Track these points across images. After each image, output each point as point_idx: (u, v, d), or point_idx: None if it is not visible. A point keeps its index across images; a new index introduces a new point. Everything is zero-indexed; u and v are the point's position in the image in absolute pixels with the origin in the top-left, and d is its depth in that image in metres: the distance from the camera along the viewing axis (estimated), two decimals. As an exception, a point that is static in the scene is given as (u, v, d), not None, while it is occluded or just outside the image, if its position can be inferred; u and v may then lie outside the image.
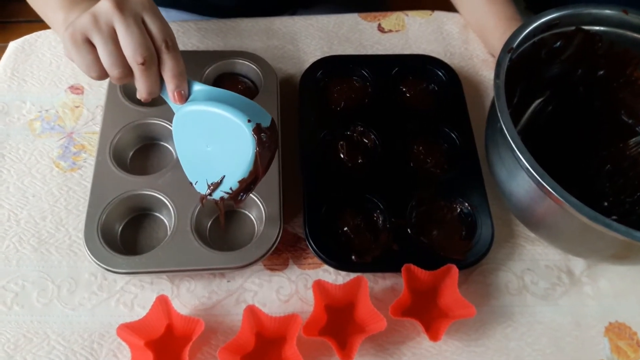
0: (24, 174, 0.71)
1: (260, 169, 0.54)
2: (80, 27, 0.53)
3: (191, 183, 0.60)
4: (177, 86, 0.55)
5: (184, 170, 0.60)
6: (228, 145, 0.54)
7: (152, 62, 0.54)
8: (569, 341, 0.64)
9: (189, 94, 0.56)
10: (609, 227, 0.51)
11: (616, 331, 0.64)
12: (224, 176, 0.56)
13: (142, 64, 0.53)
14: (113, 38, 0.53)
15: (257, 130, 0.51)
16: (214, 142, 0.55)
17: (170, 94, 0.55)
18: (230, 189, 0.57)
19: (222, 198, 0.58)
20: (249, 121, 0.51)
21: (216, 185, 0.57)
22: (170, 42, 0.55)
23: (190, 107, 0.55)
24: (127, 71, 0.55)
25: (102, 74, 0.56)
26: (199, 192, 0.59)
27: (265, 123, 0.52)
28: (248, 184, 0.56)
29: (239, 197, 0.58)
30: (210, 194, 0.58)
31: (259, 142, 0.52)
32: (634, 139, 0.69)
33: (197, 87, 0.56)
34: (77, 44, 0.54)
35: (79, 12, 0.60)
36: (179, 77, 0.55)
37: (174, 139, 0.58)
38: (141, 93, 0.56)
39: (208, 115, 0.53)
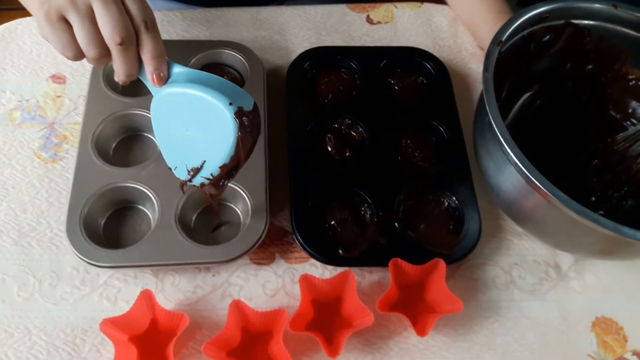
0: (4, 165, 0.69)
1: (242, 154, 0.52)
2: (55, 4, 0.51)
3: (170, 168, 0.58)
4: (156, 68, 0.53)
5: (163, 155, 0.58)
6: (208, 129, 0.52)
7: (131, 42, 0.52)
8: (555, 336, 0.64)
9: (169, 76, 0.54)
10: (597, 222, 0.51)
11: (603, 326, 0.65)
12: (205, 161, 0.54)
13: (120, 44, 0.51)
14: (90, 16, 0.51)
15: (239, 113, 0.50)
16: (194, 126, 0.53)
17: (149, 75, 0.54)
18: (211, 174, 0.55)
19: (202, 184, 0.56)
20: (231, 104, 0.49)
21: (196, 171, 0.56)
22: (150, 22, 0.53)
23: (169, 89, 0.53)
24: (105, 51, 0.53)
25: (78, 54, 0.54)
26: (179, 178, 0.58)
27: (248, 106, 0.51)
28: (229, 170, 0.54)
29: (220, 183, 0.56)
30: (190, 180, 0.57)
31: (241, 126, 0.50)
32: (621, 134, 0.69)
33: (177, 70, 0.54)
34: (52, 22, 0.52)
35: None
36: (159, 58, 0.53)
37: (152, 123, 0.56)
38: (119, 75, 0.54)
39: (188, 97, 0.51)
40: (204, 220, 0.66)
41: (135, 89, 0.74)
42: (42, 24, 0.52)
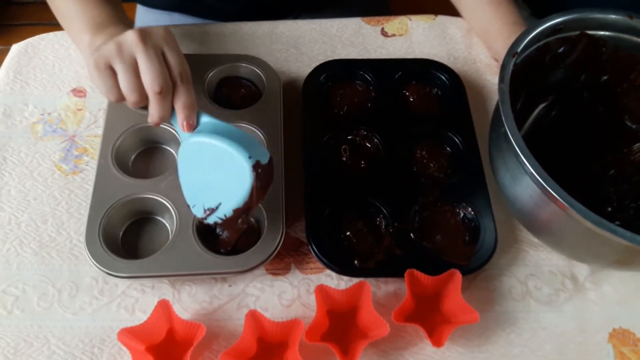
0: (26, 177, 0.71)
1: (255, 200, 0.57)
2: (104, 54, 0.57)
3: (189, 206, 0.63)
4: (187, 116, 0.58)
5: (184, 193, 0.63)
6: (227, 177, 0.57)
7: (168, 92, 0.58)
8: (572, 347, 0.63)
9: (197, 124, 0.59)
10: (614, 232, 0.50)
11: (620, 337, 0.64)
12: (220, 203, 0.59)
13: (159, 93, 0.57)
14: (134, 67, 0.57)
15: (256, 166, 0.55)
16: (215, 172, 0.58)
17: (180, 123, 0.59)
18: (225, 215, 0.60)
19: (215, 223, 0.61)
20: (250, 157, 0.55)
21: (212, 211, 0.60)
22: (185, 75, 0.59)
23: (197, 138, 0.58)
24: (143, 98, 0.59)
25: (120, 98, 0.60)
26: (195, 215, 0.63)
27: (264, 160, 0.56)
28: (241, 213, 0.59)
29: (232, 224, 0.61)
30: (205, 218, 0.61)
31: (257, 177, 0.55)
32: (637, 144, 0.69)
33: (205, 119, 0.59)
34: (100, 69, 0.58)
35: (104, 37, 0.63)
36: (190, 108, 0.58)
37: (178, 165, 0.62)
38: (153, 118, 0.59)
39: (213, 147, 0.56)
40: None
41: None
42: (92, 70, 0.58)
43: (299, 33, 0.87)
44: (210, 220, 0.61)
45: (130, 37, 0.57)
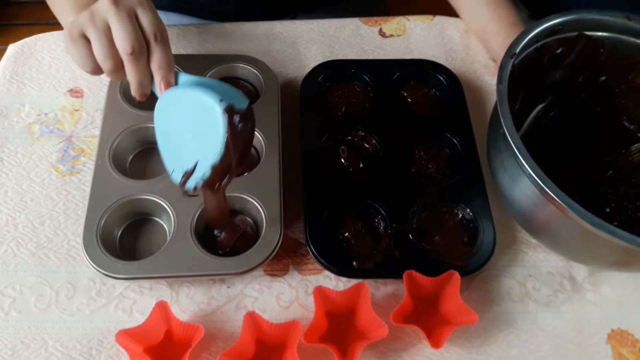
0: (23, 178, 0.71)
1: (233, 154, 0.52)
2: (77, 23, 0.57)
3: (169, 172, 0.59)
4: (164, 76, 0.57)
5: (162, 158, 0.59)
6: (202, 129, 0.53)
7: (141, 52, 0.56)
8: (571, 348, 0.63)
9: (176, 84, 0.57)
10: (613, 233, 0.50)
11: (618, 338, 0.64)
12: (197, 162, 0.55)
13: (131, 53, 0.55)
14: (106, 32, 0.56)
15: (229, 110, 0.50)
16: (189, 127, 0.55)
17: (156, 84, 0.57)
18: (203, 175, 0.55)
19: (195, 187, 0.56)
20: (221, 100, 0.50)
21: (189, 174, 0.56)
22: (160, 35, 0.58)
23: (168, 92, 0.55)
24: (119, 64, 0.57)
25: (96, 68, 0.58)
26: (175, 181, 0.58)
27: (240, 106, 0.51)
28: (222, 172, 0.54)
29: (214, 186, 0.56)
30: (184, 183, 0.57)
31: (230, 124, 0.50)
32: (636, 145, 0.69)
33: (185, 78, 0.57)
34: (74, 38, 0.57)
35: None
36: (166, 67, 0.57)
37: (155, 128, 0.59)
38: (133, 85, 0.58)
39: (184, 98, 0.53)
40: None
41: (151, 103, 0.75)
42: (67, 41, 0.58)
43: (296, 33, 0.87)
44: (190, 184, 0.57)
45: (102, 2, 0.56)
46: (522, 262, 0.68)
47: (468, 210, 0.68)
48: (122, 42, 0.55)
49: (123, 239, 0.66)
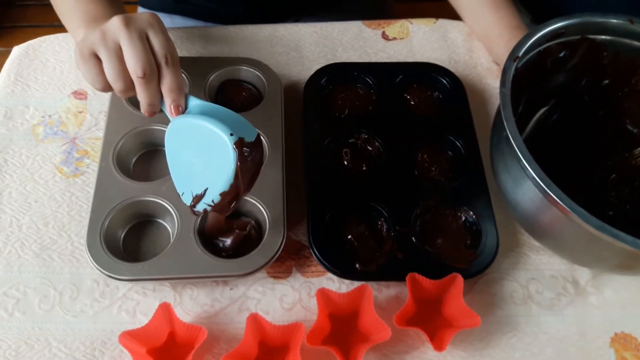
0: (27, 180, 0.71)
1: (242, 183, 0.55)
2: (89, 42, 0.57)
3: (179, 194, 0.60)
4: (174, 100, 0.57)
5: (173, 181, 0.60)
6: (212, 158, 0.55)
7: (152, 75, 0.56)
8: (574, 352, 0.63)
9: (186, 107, 0.57)
10: (616, 237, 0.50)
11: (622, 342, 0.64)
12: (207, 188, 0.57)
13: (142, 77, 0.56)
14: (117, 53, 0.56)
15: (239, 144, 0.52)
16: (200, 155, 0.56)
17: (167, 107, 0.58)
18: (212, 201, 0.57)
19: (205, 210, 0.58)
20: (232, 134, 0.52)
21: (199, 198, 0.58)
22: (171, 58, 0.58)
23: (179, 119, 0.56)
24: (129, 85, 0.57)
25: (106, 86, 0.59)
26: (185, 203, 0.60)
27: (250, 138, 0.53)
28: (231, 199, 0.56)
29: (223, 211, 0.59)
30: (194, 206, 0.59)
31: (240, 156, 0.52)
32: (638, 149, 0.69)
33: (194, 102, 0.57)
34: (84, 57, 0.57)
35: None
36: (176, 91, 0.57)
37: (165, 151, 0.59)
38: (142, 105, 0.58)
39: (196, 127, 0.54)
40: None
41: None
42: (77, 59, 0.58)
43: (299, 36, 0.87)
44: (200, 207, 0.58)
45: (113, 23, 0.56)
46: (525, 265, 0.68)
47: (471, 213, 0.68)
48: (133, 65, 0.55)
49: (127, 240, 0.67)
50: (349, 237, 0.66)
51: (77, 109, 0.77)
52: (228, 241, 0.64)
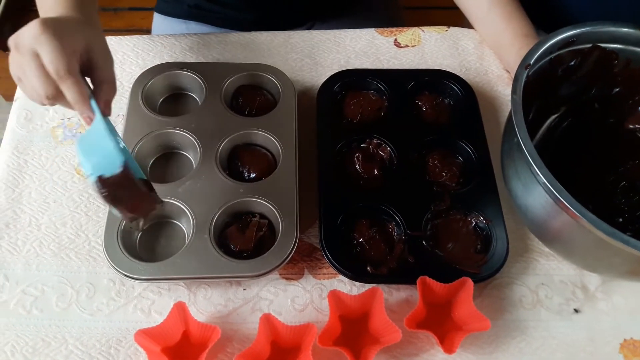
0: (46, 180, 0.73)
1: (123, 209, 0.58)
2: (10, 67, 0.57)
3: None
4: (80, 111, 0.57)
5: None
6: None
7: (55, 94, 0.56)
8: (583, 357, 0.63)
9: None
10: (626, 243, 0.51)
11: (631, 348, 0.64)
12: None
13: (48, 99, 0.56)
14: (26, 77, 0.56)
15: (97, 182, 0.55)
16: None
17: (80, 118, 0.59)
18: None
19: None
20: (90, 174, 0.55)
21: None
22: (63, 69, 0.54)
23: (83, 135, 0.59)
24: (53, 101, 0.57)
25: (39, 101, 0.58)
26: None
27: (109, 173, 0.55)
28: (129, 219, 0.61)
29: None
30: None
31: (103, 189, 0.55)
32: (649, 156, 0.70)
33: (94, 106, 0.58)
34: (17, 81, 0.58)
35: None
36: (77, 104, 0.56)
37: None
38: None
39: (82, 142, 0.57)
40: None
41: (172, 109, 0.77)
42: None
43: (313, 43, 0.88)
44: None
45: (11, 49, 0.56)
46: (535, 271, 0.69)
47: (481, 218, 0.68)
48: (37, 91, 0.56)
49: (143, 240, 0.68)
50: (361, 240, 0.67)
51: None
52: (245, 238, 0.66)
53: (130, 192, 0.57)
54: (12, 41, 0.56)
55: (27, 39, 0.55)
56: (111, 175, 0.55)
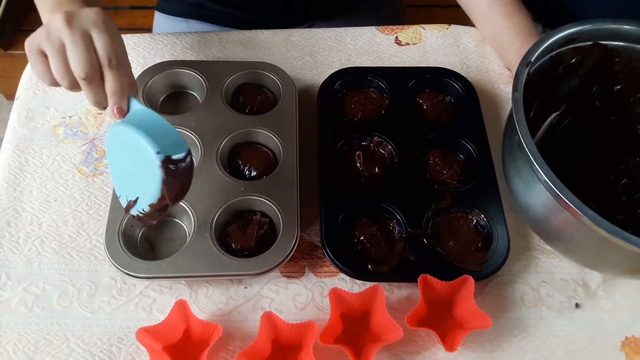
0: (47, 179, 0.73)
1: (168, 197, 0.56)
2: (35, 38, 0.57)
3: (117, 196, 0.62)
4: (115, 102, 0.57)
5: (113, 182, 0.62)
6: (143, 169, 0.56)
7: (94, 77, 0.56)
8: (584, 355, 0.63)
9: (129, 109, 0.58)
10: (628, 241, 0.51)
11: (632, 346, 0.64)
12: (138, 198, 0.58)
13: (84, 78, 0.56)
14: (61, 52, 0.56)
15: (166, 162, 0.54)
16: (134, 163, 0.57)
17: (109, 109, 0.58)
18: (143, 210, 0.58)
19: (137, 216, 0.60)
20: (159, 152, 0.53)
21: (131, 205, 0.59)
22: (115, 59, 0.57)
23: (118, 126, 0.57)
24: (75, 83, 0.57)
25: (53, 82, 0.59)
26: (122, 204, 0.62)
27: (178, 154, 0.55)
28: (158, 209, 0.58)
29: (152, 218, 0.60)
30: (127, 210, 0.61)
31: (167, 173, 0.54)
32: (650, 153, 0.70)
33: (136, 107, 0.58)
34: (32, 55, 0.57)
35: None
36: (118, 94, 0.57)
37: (106, 151, 0.61)
38: (89, 102, 0.59)
39: (130, 136, 0.55)
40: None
41: (173, 107, 0.77)
42: (27, 55, 0.58)
43: (314, 41, 0.88)
44: (133, 212, 0.60)
45: (57, 21, 0.55)
46: (536, 269, 0.69)
47: (482, 216, 0.68)
48: (75, 67, 0.55)
49: (144, 239, 0.68)
50: (362, 238, 0.67)
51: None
52: (246, 236, 0.66)
53: (183, 178, 0.56)
54: (62, 17, 0.55)
55: (84, 20, 0.56)
56: (179, 158, 0.55)
